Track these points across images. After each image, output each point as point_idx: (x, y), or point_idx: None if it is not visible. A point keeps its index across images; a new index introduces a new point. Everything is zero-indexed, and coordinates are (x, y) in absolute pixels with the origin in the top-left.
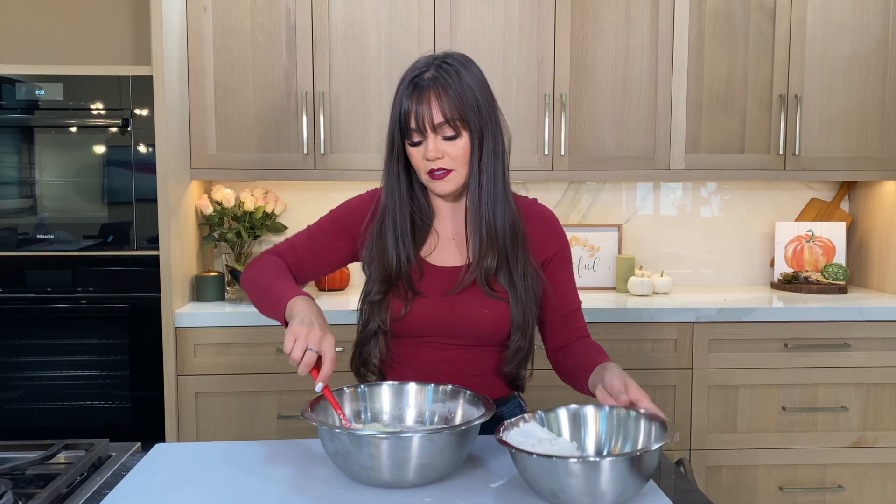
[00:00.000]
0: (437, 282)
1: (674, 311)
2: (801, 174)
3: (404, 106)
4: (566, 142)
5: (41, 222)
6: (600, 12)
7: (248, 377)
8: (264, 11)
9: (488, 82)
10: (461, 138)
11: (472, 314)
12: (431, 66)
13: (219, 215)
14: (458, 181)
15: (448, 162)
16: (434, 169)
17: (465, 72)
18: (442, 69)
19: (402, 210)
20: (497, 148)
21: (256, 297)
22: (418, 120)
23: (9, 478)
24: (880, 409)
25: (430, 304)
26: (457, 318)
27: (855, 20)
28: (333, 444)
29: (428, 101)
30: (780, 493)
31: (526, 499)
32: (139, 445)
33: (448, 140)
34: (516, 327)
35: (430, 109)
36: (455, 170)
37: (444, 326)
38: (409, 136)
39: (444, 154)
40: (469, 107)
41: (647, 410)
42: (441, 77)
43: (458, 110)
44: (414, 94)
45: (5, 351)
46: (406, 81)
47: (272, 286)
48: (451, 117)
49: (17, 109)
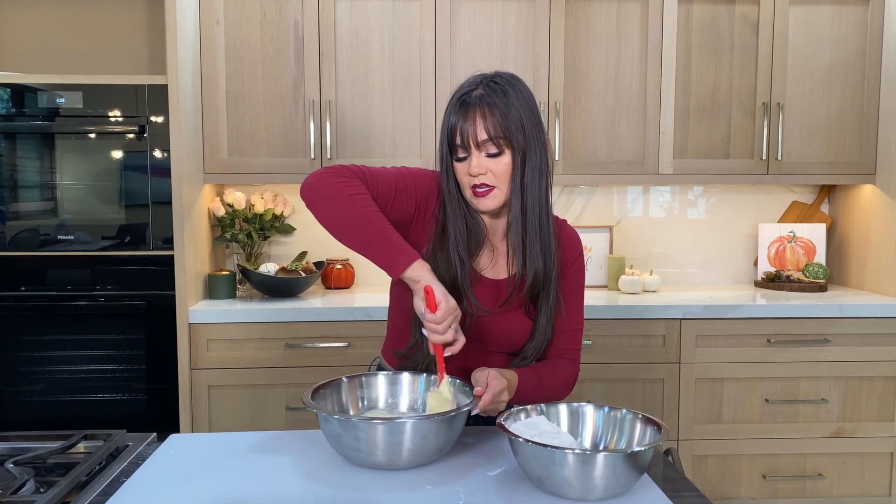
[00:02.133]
0: (485, 293)
1: (662, 308)
2: (784, 178)
3: (451, 122)
4: (560, 147)
5: (62, 224)
6: (593, 24)
7: (258, 371)
8: (274, 24)
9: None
10: (504, 156)
11: (505, 328)
12: (480, 84)
13: (230, 217)
14: (499, 198)
15: (491, 178)
16: (477, 185)
17: (512, 91)
18: (490, 88)
19: (461, 219)
20: (541, 167)
21: (350, 227)
22: (463, 136)
23: (31, 466)
24: (858, 402)
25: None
26: (491, 328)
27: (834, 33)
28: (330, 429)
29: (473, 118)
30: (763, 481)
31: (519, 485)
32: (155, 436)
33: (491, 157)
34: (533, 340)
35: (475, 127)
36: (497, 186)
37: (478, 334)
38: (455, 151)
39: (487, 171)
40: (513, 126)
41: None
42: (488, 96)
43: (503, 129)
44: (461, 111)
45: (28, 346)
46: (455, 98)
47: (387, 228)
48: (494, 135)
49: (39, 117)
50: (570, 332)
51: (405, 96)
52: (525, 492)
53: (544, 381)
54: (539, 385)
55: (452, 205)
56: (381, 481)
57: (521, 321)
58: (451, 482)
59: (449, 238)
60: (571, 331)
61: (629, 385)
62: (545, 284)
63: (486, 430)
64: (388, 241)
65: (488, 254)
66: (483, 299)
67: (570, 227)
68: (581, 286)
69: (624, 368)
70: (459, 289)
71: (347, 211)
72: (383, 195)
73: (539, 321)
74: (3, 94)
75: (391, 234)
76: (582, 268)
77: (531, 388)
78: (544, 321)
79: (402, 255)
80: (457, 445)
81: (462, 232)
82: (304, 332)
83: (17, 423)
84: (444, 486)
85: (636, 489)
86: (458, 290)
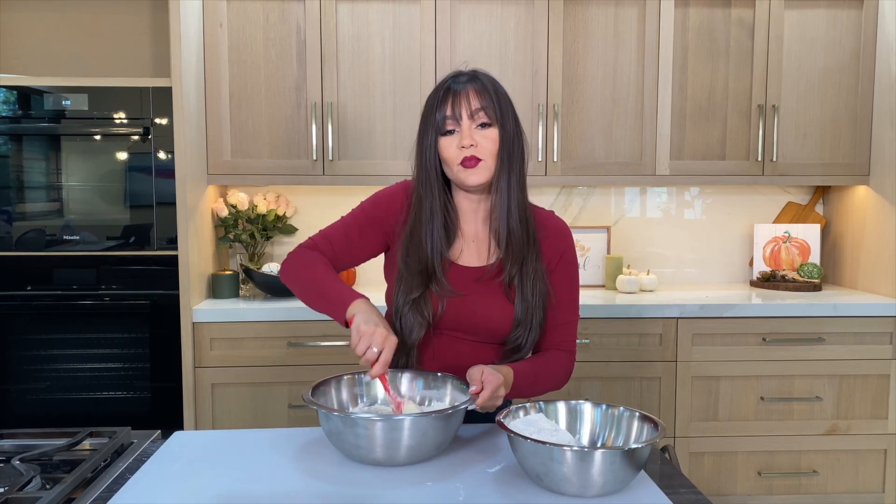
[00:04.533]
0: (460, 280)
1: (659, 308)
2: (779, 179)
3: (439, 97)
4: (559, 149)
5: (67, 224)
6: (590, 27)
7: (261, 369)
8: (276, 27)
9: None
10: (493, 129)
11: (487, 313)
12: (464, 74)
13: (233, 218)
14: (486, 173)
15: (480, 151)
16: (466, 157)
17: (495, 82)
18: (475, 75)
19: (435, 207)
20: (522, 154)
21: (306, 293)
22: (455, 108)
23: (37, 463)
24: (852, 399)
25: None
26: (472, 314)
27: (829, 36)
28: (330, 426)
29: (466, 93)
30: (758, 478)
31: (518, 482)
32: (159, 433)
33: (482, 128)
34: (516, 325)
35: (468, 97)
36: (485, 160)
37: (460, 322)
38: (443, 125)
39: (476, 143)
40: (503, 102)
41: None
42: (477, 79)
43: (493, 102)
44: (451, 91)
45: (34, 345)
46: (440, 88)
47: (326, 286)
48: (486, 105)
49: (45, 119)
50: (565, 324)
51: (406, 99)
52: (523, 488)
53: (540, 373)
54: (535, 378)
55: (430, 188)
56: (381, 478)
57: (502, 306)
58: (451, 478)
59: (422, 222)
60: (566, 323)
61: (626, 383)
62: (524, 267)
63: (485, 428)
64: (327, 299)
65: (462, 241)
66: (456, 285)
67: (557, 218)
68: (574, 279)
69: (621, 367)
70: (430, 274)
71: (298, 284)
72: (342, 248)
73: (517, 304)
74: (10, 97)
75: (329, 290)
76: (573, 259)
77: (527, 381)
78: (523, 305)
79: (338, 305)
80: (456, 442)
81: (437, 215)
82: (306, 330)
83: (23, 421)
84: (443, 483)
85: (633, 486)
86: (428, 276)
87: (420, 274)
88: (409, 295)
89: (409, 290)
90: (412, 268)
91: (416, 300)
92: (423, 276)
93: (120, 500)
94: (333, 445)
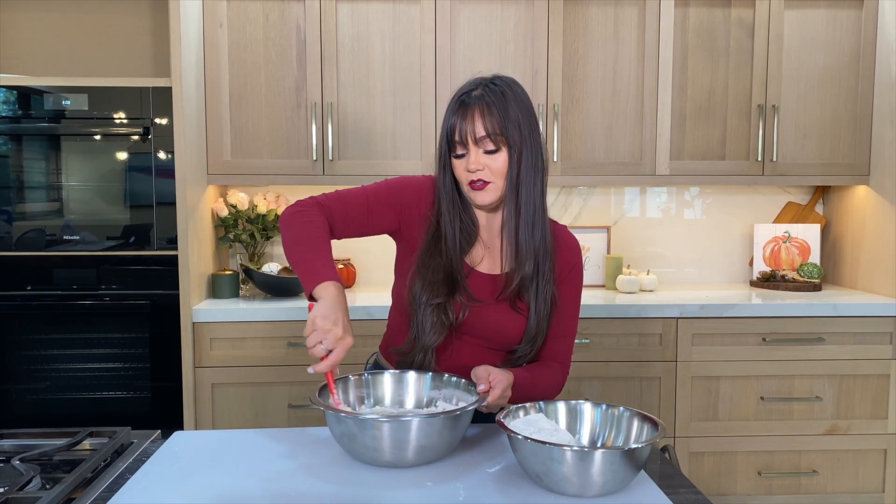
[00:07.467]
0: (480, 286)
1: (659, 308)
2: (778, 179)
3: (451, 120)
4: (559, 149)
5: (67, 224)
6: (590, 28)
7: (261, 369)
8: (276, 27)
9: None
10: (501, 153)
11: (500, 321)
12: (479, 85)
13: (233, 217)
14: (495, 193)
15: (487, 174)
16: (474, 180)
17: (510, 93)
18: (488, 88)
19: (454, 216)
20: (537, 166)
21: (291, 250)
22: (462, 134)
23: (37, 463)
24: (852, 399)
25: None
26: (485, 324)
27: (828, 36)
28: (339, 428)
29: (472, 116)
30: (758, 478)
31: (518, 482)
32: (159, 433)
33: (488, 154)
34: (528, 338)
35: (474, 124)
36: (493, 182)
37: (474, 327)
38: (454, 148)
39: (484, 166)
40: (510, 125)
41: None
42: (486, 96)
43: (500, 127)
44: (460, 111)
45: (34, 345)
46: (455, 98)
47: (311, 253)
48: (492, 132)
49: (45, 119)
50: (564, 337)
51: (406, 99)
52: (524, 488)
53: (537, 381)
54: (532, 385)
55: (447, 201)
56: (382, 478)
57: (512, 317)
58: (451, 479)
59: (443, 234)
60: (565, 336)
61: (626, 383)
62: (538, 280)
63: (486, 428)
64: (306, 266)
65: (482, 250)
66: (477, 293)
67: (569, 234)
68: (578, 294)
69: (621, 367)
70: (454, 282)
71: (290, 236)
72: (355, 215)
73: (531, 318)
74: (10, 97)
75: (311, 259)
76: (580, 275)
77: (525, 387)
78: (535, 318)
79: (310, 278)
80: None
81: (456, 227)
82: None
83: (23, 421)
84: (444, 483)
85: (633, 485)
86: (453, 283)
87: (445, 281)
88: (432, 298)
89: (433, 293)
90: (436, 272)
91: (440, 305)
92: (448, 284)
93: (120, 500)
94: (342, 447)
